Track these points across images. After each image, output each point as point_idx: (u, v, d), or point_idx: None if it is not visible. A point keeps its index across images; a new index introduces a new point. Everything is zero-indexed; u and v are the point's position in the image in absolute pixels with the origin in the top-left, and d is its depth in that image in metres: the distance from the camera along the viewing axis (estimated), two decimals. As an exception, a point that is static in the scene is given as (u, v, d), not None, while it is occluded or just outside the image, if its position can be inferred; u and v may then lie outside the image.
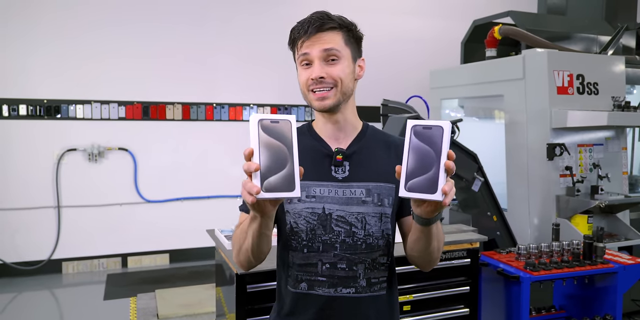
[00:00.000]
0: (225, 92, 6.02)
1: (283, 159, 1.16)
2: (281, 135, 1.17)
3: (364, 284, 1.48)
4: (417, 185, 1.18)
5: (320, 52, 1.43)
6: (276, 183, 1.15)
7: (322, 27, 1.43)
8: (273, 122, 1.17)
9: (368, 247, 1.48)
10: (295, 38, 1.47)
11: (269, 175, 1.15)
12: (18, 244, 5.37)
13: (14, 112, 5.27)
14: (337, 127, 1.53)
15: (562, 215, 3.85)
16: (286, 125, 1.17)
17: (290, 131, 1.18)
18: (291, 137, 1.17)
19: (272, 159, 1.16)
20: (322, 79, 1.43)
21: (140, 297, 4.72)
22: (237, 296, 2.54)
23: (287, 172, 1.16)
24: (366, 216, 1.47)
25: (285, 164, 1.16)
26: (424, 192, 1.17)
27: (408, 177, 1.18)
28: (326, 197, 1.47)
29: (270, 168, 1.15)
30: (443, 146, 1.16)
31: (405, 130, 1.20)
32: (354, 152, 1.51)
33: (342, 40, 1.46)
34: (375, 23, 6.47)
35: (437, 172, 1.16)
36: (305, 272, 1.49)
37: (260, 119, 1.16)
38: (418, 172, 1.18)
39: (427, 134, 1.18)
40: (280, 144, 1.17)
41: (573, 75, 3.94)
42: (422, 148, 1.18)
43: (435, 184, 1.16)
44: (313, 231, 1.47)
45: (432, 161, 1.17)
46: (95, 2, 5.48)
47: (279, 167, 1.16)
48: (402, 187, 1.19)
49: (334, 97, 1.45)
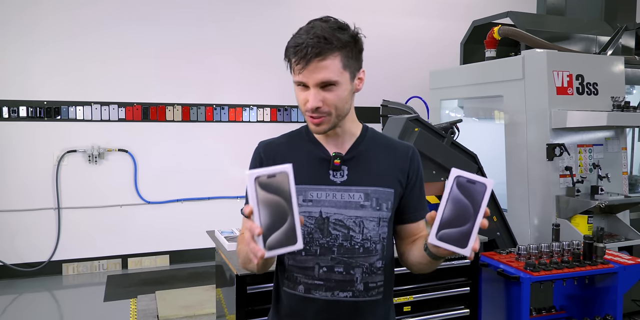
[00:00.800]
0: (225, 93, 6.02)
1: (283, 214, 1.16)
2: (279, 189, 1.16)
3: (362, 289, 1.49)
4: (449, 237, 1.20)
5: (317, 82, 1.39)
6: (279, 240, 1.16)
7: (320, 55, 1.36)
8: (270, 177, 1.15)
9: (366, 251, 1.48)
10: (290, 58, 1.41)
11: (271, 233, 1.15)
12: (18, 246, 5.37)
13: (14, 113, 5.27)
14: (336, 137, 1.53)
15: (562, 215, 3.85)
16: (283, 178, 1.16)
17: (287, 183, 1.17)
18: (289, 189, 1.17)
19: (273, 216, 1.16)
20: (318, 109, 1.40)
21: (141, 298, 4.72)
22: (237, 297, 2.54)
23: (288, 226, 1.17)
24: (364, 220, 1.47)
25: (286, 218, 1.17)
26: (454, 245, 1.19)
27: (441, 226, 1.20)
28: (324, 201, 1.47)
29: (272, 226, 1.16)
30: (482, 204, 1.18)
31: (448, 178, 1.22)
32: (353, 157, 1.51)
33: (341, 64, 1.39)
34: (374, 24, 6.47)
35: (471, 229, 1.18)
36: (302, 275, 1.49)
37: (257, 177, 1.15)
38: (453, 223, 1.20)
39: (469, 188, 1.19)
40: (279, 199, 1.16)
41: (572, 75, 3.93)
42: (462, 201, 1.20)
43: (467, 239, 1.18)
44: (311, 235, 1.47)
45: (469, 216, 1.18)
46: (94, 4, 5.49)
47: (279, 223, 1.16)
48: (433, 234, 1.21)
49: (329, 123, 1.44)
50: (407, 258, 1.54)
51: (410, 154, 1.56)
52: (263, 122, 6.18)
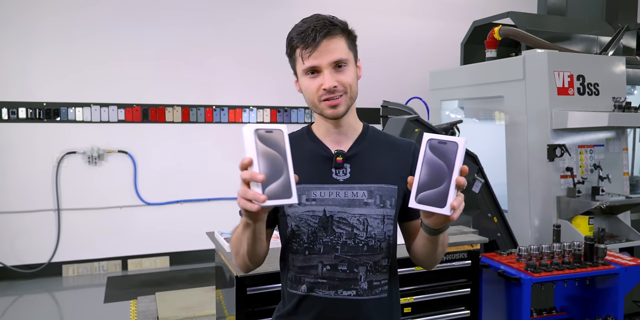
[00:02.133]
0: (225, 94, 6.02)
1: (280, 167, 1.18)
2: (276, 144, 1.19)
3: (366, 287, 1.48)
4: (427, 198, 1.21)
5: (331, 63, 1.40)
6: (276, 191, 1.17)
7: (328, 34, 1.40)
8: (267, 132, 1.19)
9: (370, 249, 1.47)
10: (296, 47, 1.43)
11: (269, 184, 1.17)
12: (18, 247, 5.36)
13: (13, 115, 5.27)
14: (339, 131, 1.52)
15: (562, 216, 3.84)
16: (279, 134, 1.20)
17: (283, 140, 1.20)
18: (284, 146, 1.20)
19: (270, 167, 1.18)
20: (335, 88, 1.41)
21: (141, 299, 4.71)
22: (237, 298, 2.53)
23: (284, 179, 1.18)
24: (368, 218, 1.47)
25: (282, 172, 1.18)
26: (433, 205, 1.21)
27: (419, 189, 1.22)
28: (327, 200, 1.46)
29: (270, 176, 1.17)
30: (456, 162, 1.19)
31: (421, 143, 1.23)
32: (355, 154, 1.51)
33: (346, 45, 1.44)
34: (374, 24, 6.46)
35: (447, 187, 1.19)
36: (305, 274, 1.49)
37: (256, 129, 1.18)
38: (430, 185, 1.21)
39: (442, 148, 1.21)
40: (275, 153, 1.19)
41: (573, 75, 3.93)
42: (436, 162, 1.21)
43: (445, 198, 1.20)
44: (314, 233, 1.46)
45: (444, 176, 1.20)
46: (94, 5, 5.49)
47: (276, 176, 1.18)
48: (413, 198, 1.22)
49: (345, 104, 1.45)
50: (414, 249, 1.53)
51: (412, 150, 1.56)
52: (263, 123, 6.16)
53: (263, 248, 1.41)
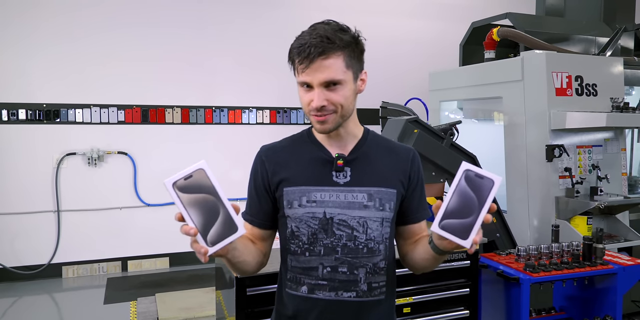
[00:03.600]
0: (225, 95, 6.02)
1: (214, 208, 1.19)
2: (200, 187, 1.20)
3: (365, 289, 1.49)
4: (451, 227, 1.22)
5: (321, 82, 1.40)
6: (219, 233, 1.19)
7: (323, 53, 1.38)
8: (187, 179, 1.20)
9: (369, 251, 1.49)
10: (294, 59, 1.43)
11: (209, 229, 1.18)
12: (18, 249, 5.37)
13: (13, 116, 5.27)
14: (338, 137, 1.54)
15: (561, 216, 3.85)
16: (200, 174, 1.21)
17: (207, 178, 1.21)
18: (211, 183, 1.20)
19: (204, 213, 1.19)
20: (324, 107, 1.42)
21: (141, 301, 4.72)
22: (237, 299, 2.54)
23: (222, 218, 1.20)
24: (368, 220, 1.48)
25: (218, 210, 1.20)
26: (455, 235, 1.21)
27: (445, 215, 1.22)
28: (327, 202, 1.48)
29: (206, 222, 1.18)
30: (489, 198, 1.20)
31: (458, 171, 1.24)
32: (356, 158, 1.53)
33: (344, 63, 1.41)
34: (374, 25, 6.47)
35: (474, 222, 1.20)
36: (306, 276, 1.50)
37: (173, 182, 1.19)
38: (457, 214, 1.22)
39: (477, 182, 1.22)
40: (204, 196, 1.19)
41: (572, 76, 3.94)
42: (468, 194, 1.22)
43: (469, 231, 1.20)
44: (314, 235, 1.48)
45: (474, 209, 1.20)
46: (94, 7, 5.49)
47: (213, 218, 1.19)
48: (437, 222, 1.23)
49: (334, 122, 1.45)
50: (411, 257, 1.56)
51: (411, 156, 1.59)
52: (262, 124, 6.18)
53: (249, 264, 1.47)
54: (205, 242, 1.19)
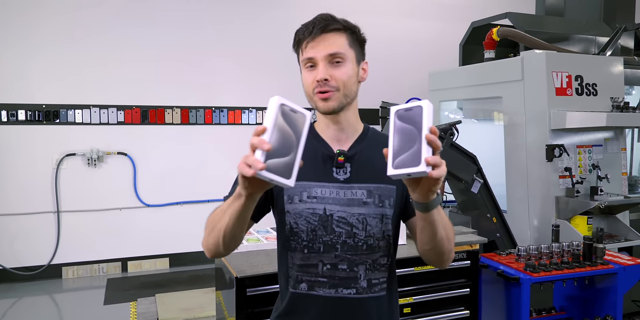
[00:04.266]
0: (224, 95, 6.02)
1: (290, 147, 1.17)
2: (295, 125, 1.19)
3: (365, 285, 1.49)
4: (402, 162, 1.18)
5: (325, 55, 1.43)
6: (277, 166, 1.15)
7: (327, 28, 1.43)
8: (292, 111, 1.19)
9: (369, 248, 1.48)
10: (299, 40, 1.47)
11: (272, 157, 1.15)
12: (18, 249, 5.36)
13: (12, 117, 5.27)
14: (339, 129, 1.53)
15: (561, 216, 3.85)
16: (302, 118, 1.20)
17: (303, 124, 1.20)
18: (302, 130, 1.19)
19: (281, 143, 1.16)
20: (327, 81, 1.42)
21: (141, 301, 4.72)
22: (237, 300, 2.53)
23: (289, 159, 1.17)
24: (367, 217, 1.47)
25: (291, 151, 1.17)
26: (408, 167, 1.17)
27: (394, 156, 1.20)
28: (327, 198, 1.47)
29: (276, 151, 1.15)
30: (424, 122, 1.18)
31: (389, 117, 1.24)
32: (356, 154, 1.52)
33: (347, 42, 1.46)
34: (373, 25, 6.45)
35: (419, 146, 1.17)
36: (305, 273, 1.49)
37: (282, 104, 1.18)
38: (403, 150, 1.19)
39: (408, 115, 1.21)
40: (291, 132, 1.18)
41: (572, 76, 3.94)
42: (405, 128, 1.21)
43: (419, 156, 1.16)
44: (314, 232, 1.47)
45: (415, 137, 1.18)
46: (94, 8, 5.49)
47: (284, 153, 1.16)
48: (390, 166, 1.19)
49: (337, 100, 1.45)
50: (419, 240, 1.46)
51: None
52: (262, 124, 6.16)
53: (242, 232, 1.37)
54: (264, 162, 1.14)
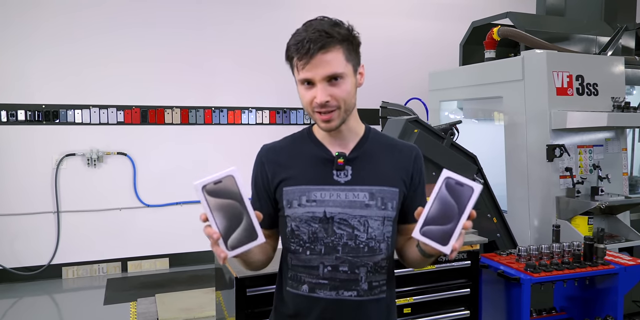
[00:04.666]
0: (224, 95, 6.02)
1: (238, 214, 1.24)
2: (228, 193, 1.23)
3: (366, 288, 1.49)
4: (432, 233, 1.25)
5: (324, 77, 1.38)
6: (239, 238, 1.24)
7: (323, 47, 1.36)
8: (216, 183, 1.23)
9: (370, 250, 1.48)
10: (292, 57, 1.41)
11: (230, 234, 1.23)
12: (18, 250, 5.36)
13: (12, 117, 5.27)
14: (340, 136, 1.53)
15: (562, 216, 3.84)
16: (229, 181, 1.23)
17: (235, 185, 1.23)
18: (238, 190, 1.23)
19: (228, 218, 1.23)
20: (327, 102, 1.40)
21: (141, 301, 4.71)
22: (236, 300, 2.53)
23: (245, 225, 1.24)
24: (369, 219, 1.47)
25: (242, 217, 1.24)
26: (435, 241, 1.25)
27: (426, 222, 1.26)
28: (327, 201, 1.47)
29: (229, 227, 1.23)
30: (468, 206, 1.22)
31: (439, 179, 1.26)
32: (357, 157, 1.51)
33: (344, 57, 1.40)
34: (373, 25, 6.46)
35: (454, 228, 1.23)
36: (306, 275, 1.49)
37: (204, 186, 1.22)
38: (437, 221, 1.25)
39: (457, 189, 1.24)
40: (230, 202, 1.23)
41: (572, 76, 3.93)
42: (448, 201, 1.24)
43: (449, 238, 1.23)
44: (315, 234, 1.47)
45: (454, 216, 1.23)
46: (93, 8, 5.49)
47: (236, 223, 1.24)
48: (418, 229, 1.26)
49: (339, 117, 1.44)
50: (405, 252, 1.58)
51: (414, 155, 1.57)
52: (262, 124, 6.17)
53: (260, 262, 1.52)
54: (226, 246, 1.24)
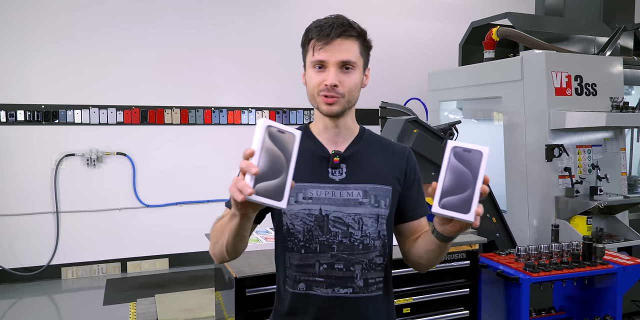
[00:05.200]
0: (224, 95, 6.02)
1: (280, 168, 1.17)
2: (284, 146, 1.18)
3: (362, 285, 1.50)
4: (451, 204, 1.20)
5: (338, 61, 1.43)
6: (267, 189, 1.16)
7: (344, 33, 1.43)
8: (279, 132, 1.18)
9: (365, 247, 1.50)
10: (311, 39, 1.46)
11: (263, 180, 1.16)
12: (17, 250, 5.36)
13: (11, 117, 5.27)
14: (336, 132, 1.54)
15: (561, 216, 3.84)
16: (290, 138, 1.19)
17: (292, 144, 1.19)
18: (292, 150, 1.19)
19: (270, 165, 1.17)
20: (336, 86, 1.43)
21: (140, 302, 4.71)
22: (236, 300, 2.53)
23: (280, 181, 1.17)
24: (363, 217, 1.49)
25: (281, 173, 1.17)
26: (457, 211, 1.19)
27: (443, 194, 1.21)
28: (323, 199, 1.49)
29: (266, 173, 1.16)
30: (481, 169, 1.20)
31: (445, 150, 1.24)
32: (351, 155, 1.53)
33: (359, 50, 1.47)
34: (373, 25, 6.40)
35: (472, 194, 1.19)
36: (303, 273, 1.51)
37: (269, 125, 1.17)
38: (453, 191, 1.21)
39: (466, 156, 1.22)
40: (280, 154, 1.18)
41: (571, 76, 3.93)
42: (460, 169, 1.22)
43: (469, 204, 1.19)
44: (310, 232, 1.48)
45: (469, 183, 1.20)
46: (93, 8, 5.49)
47: (274, 175, 1.17)
48: (436, 203, 1.21)
49: (341, 105, 1.47)
50: (415, 252, 1.54)
51: (406, 154, 1.61)
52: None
53: (244, 244, 1.40)
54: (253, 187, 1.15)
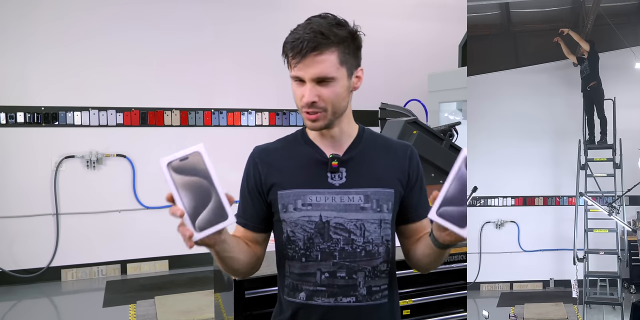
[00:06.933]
0: (223, 97, 6.01)
1: (206, 193, 1.16)
2: (195, 169, 1.16)
3: (365, 293, 1.45)
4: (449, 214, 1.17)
5: (313, 78, 1.36)
6: (208, 219, 1.15)
7: (317, 48, 1.34)
8: (182, 160, 1.16)
9: (368, 254, 1.45)
10: (287, 53, 1.40)
11: (198, 213, 1.15)
12: (17, 252, 5.35)
13: (11, 119, 5.26)
14: (332, 137, 1.50)
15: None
16: (196, 157, 1.17)
17: (202, 162, 1.17)
18: (206, 168, 1.17)
19: (195, 197, 1.16)
20: (314, 103, 1.38)
21: (140, 304, 4.70)
22: (235, 302, 2.52)
23: (213, 204, 1.16)
24: (365, 223, 1.44)
25: (210, 196, 1.16)
26: (453, 223, 1.17)
27: (444, 203, 1.18)
28: (323, 205, 1.44)
29: (196, 206, 1.16)
30: None
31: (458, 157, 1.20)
32: (351, 158, 1.48)
33: (338, 59, 1.38)
34: (372, 26, 6.39)
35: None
36: (303, 282, 1.46)
37: (169, 162, 1.16)
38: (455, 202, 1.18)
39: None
40: (197, 179, 1.16)
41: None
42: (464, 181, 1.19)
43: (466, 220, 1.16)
44: (311, 240, 1.44)
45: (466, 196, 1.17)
46: (93, 9, 5.48)
47: (204, 202, 1.16)
48: (434, 209, 1.18)
49: (325, 119, 1.41)
50: (414, 254, 1.51)
51: (409, 153, 1.54)
52: (261, 126, 6.17)
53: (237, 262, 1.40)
54: (193, 227, 1.15)
